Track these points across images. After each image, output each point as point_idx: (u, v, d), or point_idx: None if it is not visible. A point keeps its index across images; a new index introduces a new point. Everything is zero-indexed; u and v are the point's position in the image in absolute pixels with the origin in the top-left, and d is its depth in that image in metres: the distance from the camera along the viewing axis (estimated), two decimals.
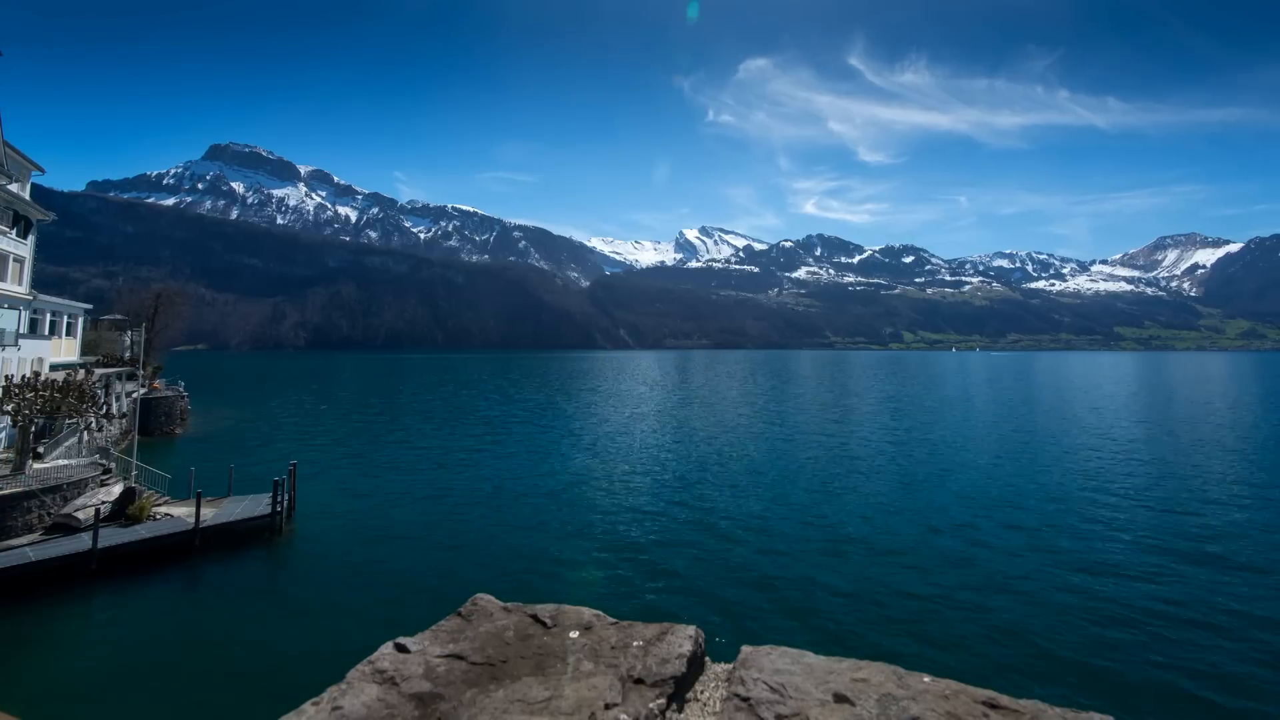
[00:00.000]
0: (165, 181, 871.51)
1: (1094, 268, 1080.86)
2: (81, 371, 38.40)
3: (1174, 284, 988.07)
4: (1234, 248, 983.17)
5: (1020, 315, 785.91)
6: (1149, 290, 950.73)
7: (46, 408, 26.04)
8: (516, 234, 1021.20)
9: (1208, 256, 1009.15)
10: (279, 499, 23.83)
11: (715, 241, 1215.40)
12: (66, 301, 43.95)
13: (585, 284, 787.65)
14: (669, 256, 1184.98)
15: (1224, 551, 21.75)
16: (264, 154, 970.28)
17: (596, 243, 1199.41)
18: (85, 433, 31.36)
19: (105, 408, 40.80)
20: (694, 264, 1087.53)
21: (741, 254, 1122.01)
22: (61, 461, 26.90)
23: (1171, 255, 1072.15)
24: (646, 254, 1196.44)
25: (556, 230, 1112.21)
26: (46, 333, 38.85)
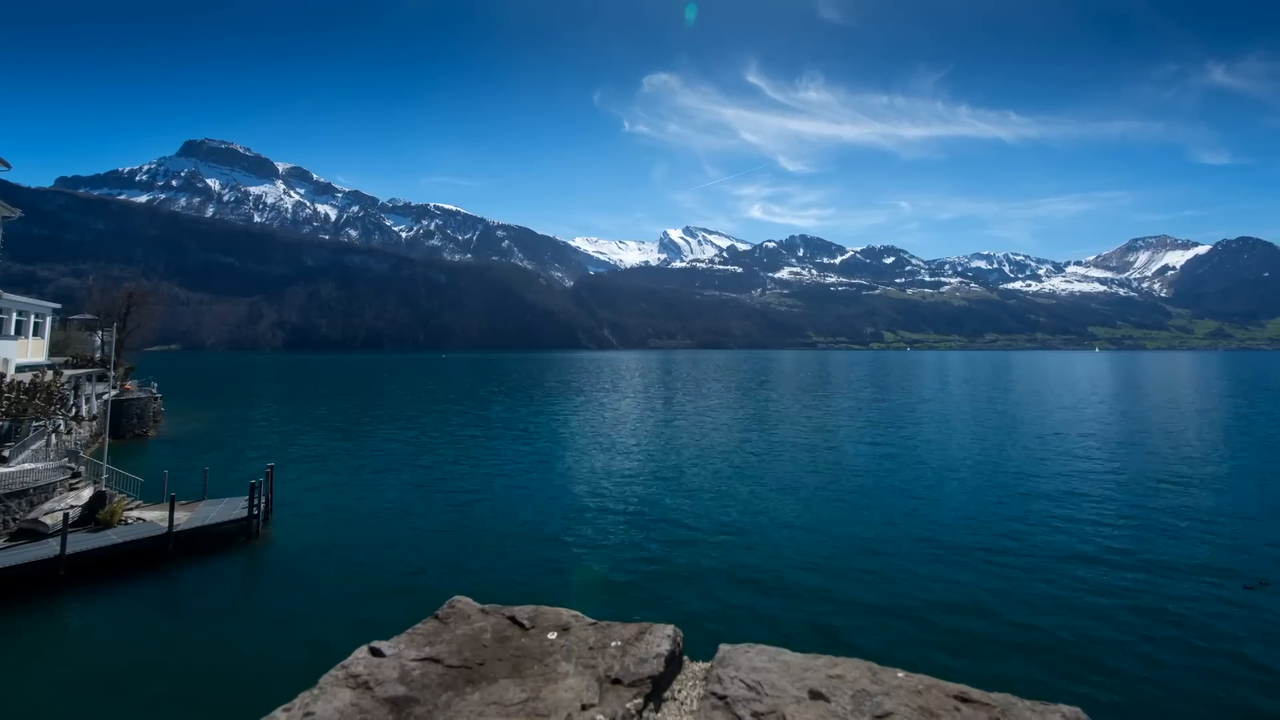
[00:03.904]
0: (138, 178, 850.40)
1: (1068, 269, 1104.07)
2: (49, 372, 37.42)
3: (1145, 285, 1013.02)
4: (1202, 250, 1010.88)
5: (998, 315, 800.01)
6: (1121, 291, 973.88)
7: (12, 410, 25.38)
8: (500, 233, 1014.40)
9: (1177, 258, 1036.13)
10: (256, 502, 23.45)
11: (699, 242, 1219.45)
12: (33, 300, 42.77)
13: (569, 284, 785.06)
14: (653, 256, 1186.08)
15: (1197, 546, 22.41)
16: (241, 150, 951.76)
17: (580, 242, 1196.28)
18: (53, 435, 30.56)
19: (74, 409, 39.83)
20: (678, 264, 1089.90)
21: (725, 254, 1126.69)
22: (28, 465, 26.16)
23: (1143, 257, 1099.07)
24: (631, 254, 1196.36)
25: (540, 230, 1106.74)
26: (12, 333, 37.78)
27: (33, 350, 41.08)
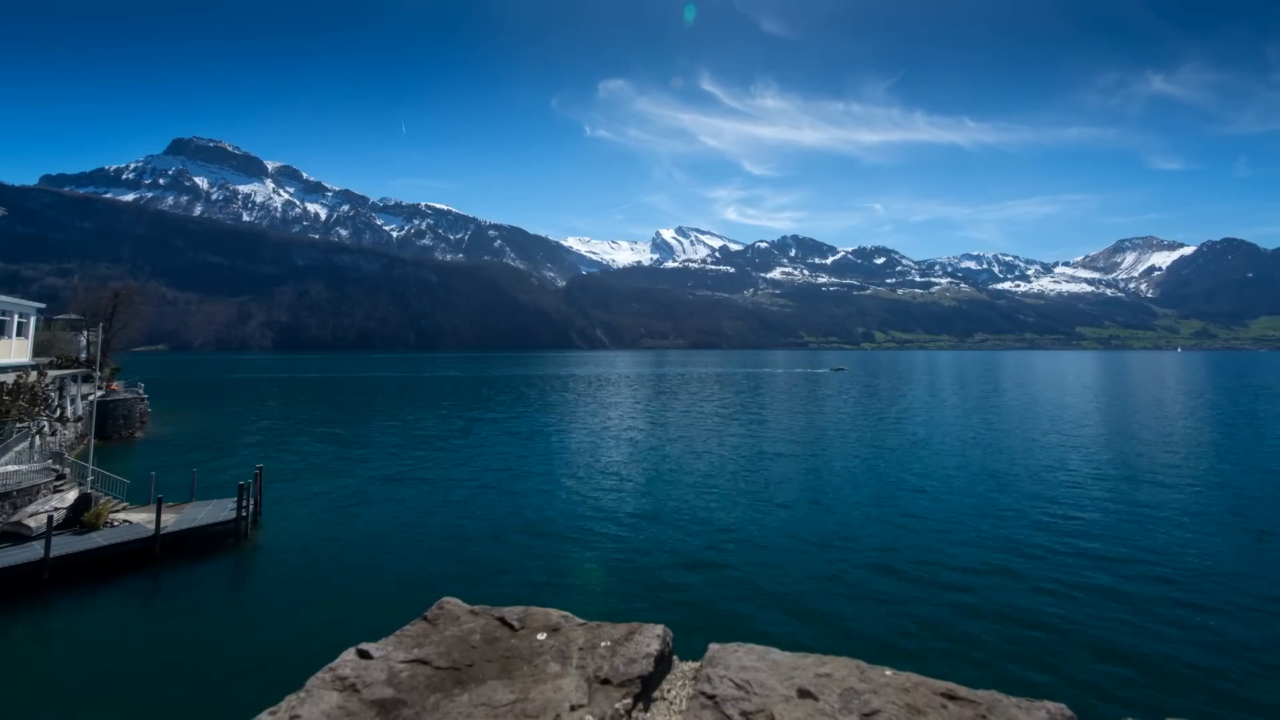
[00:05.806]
0: (125, 176, 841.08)
1: (1057, 269, 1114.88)
2: (33, 373, 36.92)
3: (1132, 285, 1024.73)
4: (1187, 251, 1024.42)
5: (987, 315, 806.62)
6: (1108, 291, 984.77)
7: None
8: (492, 233, 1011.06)
9: (1164, 259, 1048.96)
10: (244, 503, 23.26)
11: (692, 242, 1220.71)
12: (17, 300, 42.13)
13: (562, 284, 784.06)
14: (645, 257, 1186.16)
15: (1180, 545, 22.69)
16: (229, 149, 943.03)
17: (573, 242, 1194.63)
18: (37, 437, 30.19)
19: (59, 411, 39.36)
20: (670, 264, 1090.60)
21: (717, 254, 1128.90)
22: (11, 467, 25.82)
23: (1130, 257, 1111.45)
24: (623, 254, 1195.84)
25: (532, 230, 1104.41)
26: None
27: (16, 351, 40.50)
